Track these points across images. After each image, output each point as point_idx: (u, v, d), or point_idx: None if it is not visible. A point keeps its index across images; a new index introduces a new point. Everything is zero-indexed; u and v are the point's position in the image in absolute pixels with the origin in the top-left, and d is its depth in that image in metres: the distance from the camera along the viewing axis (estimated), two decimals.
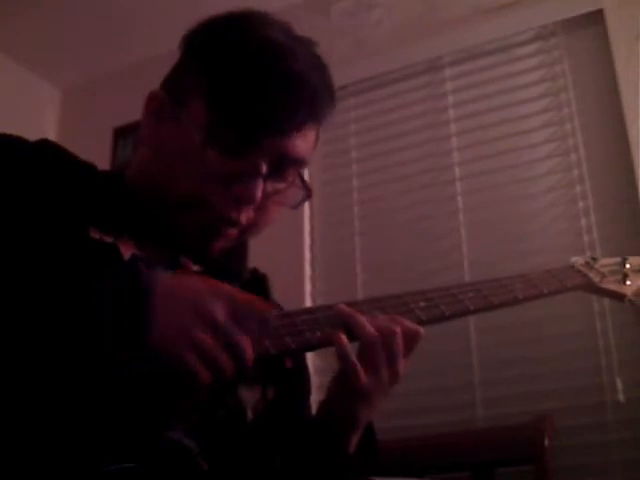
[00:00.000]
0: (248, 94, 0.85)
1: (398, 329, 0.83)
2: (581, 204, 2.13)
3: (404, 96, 2.49)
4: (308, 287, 2.42)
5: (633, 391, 1.90)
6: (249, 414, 0.84)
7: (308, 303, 2.37)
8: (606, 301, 1.94)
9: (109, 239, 0.83)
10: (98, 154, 2.72)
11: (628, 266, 1.19)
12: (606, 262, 1.19)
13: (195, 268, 0.93)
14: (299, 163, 0.91)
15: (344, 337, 0.81)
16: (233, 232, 0.90)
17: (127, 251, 0.84)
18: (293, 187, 0.92)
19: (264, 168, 0.86)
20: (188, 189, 0.87)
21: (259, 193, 0.86)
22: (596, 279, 1.14)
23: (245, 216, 0.88)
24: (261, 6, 0.93)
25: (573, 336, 2.01)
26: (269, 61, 0.86)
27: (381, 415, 0.88)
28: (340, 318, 0.83)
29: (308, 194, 0.92)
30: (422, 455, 1.92)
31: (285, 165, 0.89)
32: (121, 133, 2.92)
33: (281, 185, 0.90)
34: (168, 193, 0.88)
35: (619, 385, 1.91)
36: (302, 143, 0.89)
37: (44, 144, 0.91)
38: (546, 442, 1.77)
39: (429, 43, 2.46)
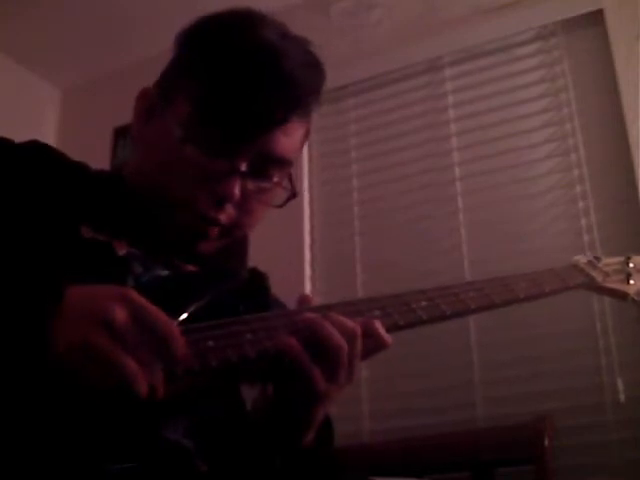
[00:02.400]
0: (230, 92, 0.85)
1: (359, 332, 0.76)
2: (581, 204, 2.13)
3: (404, 96, 2.48)
4: (308, 287, 2.41)
5: (633, 391, 1.90)
6: (248, 413, 0.83)
7: None
8: (606, 301, 1.94)
9: (102, 238, 0.83)
10: (98, 154, 2.75)
11: (632, 265, 1.17)
12: (610, 261, 1.18)
13: (190, 268, 0.92)
14: (283, 162, 0.90)
15: (295, 342, 0.73)
16: (214, 232, 0.89)
17: (122, 250, 0.83)
18: (279, 187, 0.91)
19: (243, 166, 0.86)
20: (174, 188, 0.87)
21: (237, 191, 0.86)
22: (599, 278, 1.13)
23: (225, 215, 0.88)
24: (260, 6, 0.92)
25: (573, 336, 2.01)
26: (253, 60, 0.86)
27: (381, 415, 0.87)
28: (303, 325, 0.75)
29: (293, 195, 0.91)
30: (422, 455, 1.91)
31: (268, 164, 0.89)
32: (121, 133, 2.91)
33: (266, 184, 0.90)
34: (160, 192, 0.88)
35: (619, 385, 1.91)
36: (286, 141, 0.88)
37: (33, 145, 0.90)
38: (546, 442, 1.77)
39: (429, 43, 2.46)
